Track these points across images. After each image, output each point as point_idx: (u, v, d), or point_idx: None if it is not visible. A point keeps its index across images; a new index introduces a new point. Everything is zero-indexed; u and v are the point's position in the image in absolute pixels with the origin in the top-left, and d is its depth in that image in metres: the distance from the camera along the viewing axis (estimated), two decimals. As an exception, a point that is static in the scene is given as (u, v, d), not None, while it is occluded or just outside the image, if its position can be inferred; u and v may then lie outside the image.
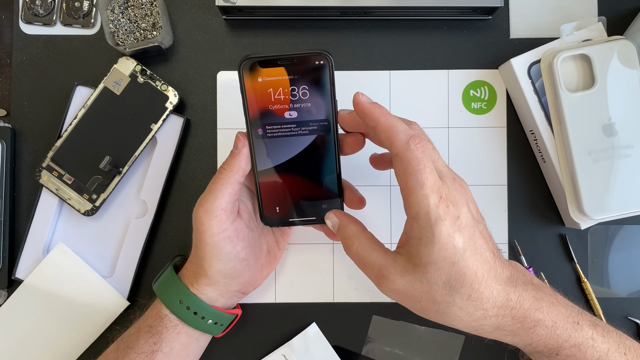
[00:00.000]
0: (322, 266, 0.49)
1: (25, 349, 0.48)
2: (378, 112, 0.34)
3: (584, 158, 0.45)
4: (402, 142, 0.33)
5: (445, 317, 0.35)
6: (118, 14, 0.48)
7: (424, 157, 0.33)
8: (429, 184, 0.32)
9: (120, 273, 0.48)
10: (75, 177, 0.47)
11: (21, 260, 0.48)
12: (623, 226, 0.50)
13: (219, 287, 0.42)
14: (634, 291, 0.50)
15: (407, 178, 0.33)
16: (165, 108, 0.47)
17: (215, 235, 0.39)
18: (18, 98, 0.50)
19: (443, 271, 0.33)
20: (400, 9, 0.47)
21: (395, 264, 0.35)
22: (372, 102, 0.35)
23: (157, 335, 0.41)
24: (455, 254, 0.32)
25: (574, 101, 0.44)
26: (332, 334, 0.49)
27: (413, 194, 0.32)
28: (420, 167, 0.32)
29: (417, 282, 0.34)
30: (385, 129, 0.34)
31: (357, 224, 0.38)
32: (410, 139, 0.33)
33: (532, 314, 0.34)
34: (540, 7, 0.50)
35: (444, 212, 0.32)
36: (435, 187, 0.32)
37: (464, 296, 0.33)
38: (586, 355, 0.35)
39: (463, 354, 0.49)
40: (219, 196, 0.38)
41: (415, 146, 0.33)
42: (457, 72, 0.50)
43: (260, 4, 0.46)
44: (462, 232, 0.33)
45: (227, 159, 0.39)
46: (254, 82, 0.36)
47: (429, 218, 0.32)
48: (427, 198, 0.32)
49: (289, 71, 0.36)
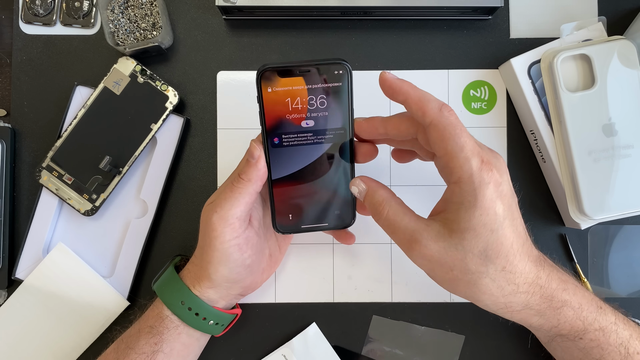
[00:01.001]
0: (322, 266, 0.49)
1: (25, 349, 0.48)
2: (407, 86, 0.34)
3: (584, 158, 0.45)
4: (435, 110, 0.33)
5: (475, 289, 0.33)
6: (118, 13, 0.48)
7: (458, 122, 0.33)
8: (469, 147, 0.32)
9: (120, 273, 0.48)
10: (75, 177, 0.47)
11: (21, 260, 0.48)
12: (623, 226, 0.50)
13: (221, 290, 0.42)
14: (634, 291, 0.50)
15: (446, 144, 0.32)
16: (165, 108, 0.47)
17: (226, 242, 0.39)
18: (18, 98, 0.50)
19: (481, 238, 0.32)
20: (400, 9, 0.47)
21: (429, 229, 0.33)
22: (399, 78, 0.35)
23: (158, 335, 0.41)
24: (496, 221, 0.32)
25: (574, 101, 0.44)
26: (332, 334, 0.49)
27: (454, 158, 0.32)
28: (457, 131, 0.32)
29: (451, 249, 0.33)
30: (416, 101, 0.34)
31: (386, 189, 0.37)
32: (442, 107, 0.33)
33: (560, 294, 0.34)
34: (540, 7, 0.50)
35: (488, 176, 0.32)
36: (475, 151, 0.32)
37: (498, 267, 0.32)
38: (609, 340, 0.35)
39: (463, 354, 0.49)
40: (236, 204, 0.38)
41: (449, 112, 0.33)
42: (457, 72, 0.50)
43: (260, 4, 0.46)
44: (503, 200, 0.32)
45: (245, 168, 0.38)
46: (272, 92, 0.36)
47: (472, 181, 0.32)
48: (469, 161, 0.32)
49: (307, 81, 0.36)
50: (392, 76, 0.35)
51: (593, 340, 0.36)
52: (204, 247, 0.40)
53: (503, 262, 0.32)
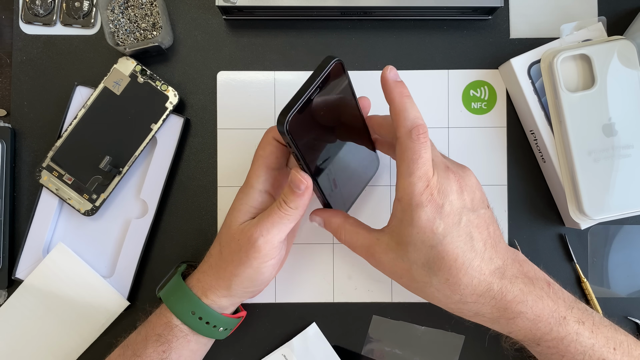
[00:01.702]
0: (322, 266, 0.49)
1: (25, 349, 0.48)
2: (397, 92, 0.36)
3: (584, 158, 0.45)
4: (405, 129, 0.34)
5: (424, 295, 0.37)
6: (118, 14, 0.48)
7: (421, 148, 0.34)
8: (419, 173, 0.34)
9: (120, 273, 0.48)
10: (75, 177, 0.47)
11: (21, 260, 0.48)
12: (623, 226, 0.50)
13: (235, 299, 0.42)
14: (634, 291, 0.50)
15: (401, 163, 0.35)
16: (165, 108, 0.47)
17: (264, 263, 0.39)
18: (18, 98, 0.50)
19: (421, 252, 0.35)
20: (400, 9, 0.47)
21: (379, 242, 0.37)
22: (396, 81, 0.36)
23: (167, 344, 0.41)
24: (434, 238, 0.34)
25: (574, 101, 0.44)
26: (332, 334, 0.49)
27: (402, 178, 0.35)
28: (415, 157, 0.34)
29: (399, 260, 0.36)
30: (396, 112, 0.35)
31: (338, 215, 0.41)
32: (413, 129, 0.34)
33: (514, 306, 0.35)
34: (540, 7, 0.50)
35: (427, 200, 0.34)
36: (424, 177, 0.34)
37: (441, 279, 0.35)
38: (569, 349, 0.36)
39: (463, 354, 0.49)
40: (283, 230, 0.38)
41: (417, 136, 0.34)
42: (457, 72, 0.50)
43: (260, 4, 0.46)
44: (444, 219, 0.34)
45: (291, 197, 0.37)
46: (299, 130, 0.34)
47: (411, 203, 0.34)
48: (413, 185, 0.34)
49: (318, 100, 0.35)
50: (392, 76, 0.36)
51: (550, 348, 0.36)
52: (233, 261, 0.40)
53: (446, 275, 0.35)
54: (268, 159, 0.40)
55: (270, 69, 0.50)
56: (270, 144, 0.40)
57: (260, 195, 0.40)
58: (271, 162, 0.40)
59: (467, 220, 0.35)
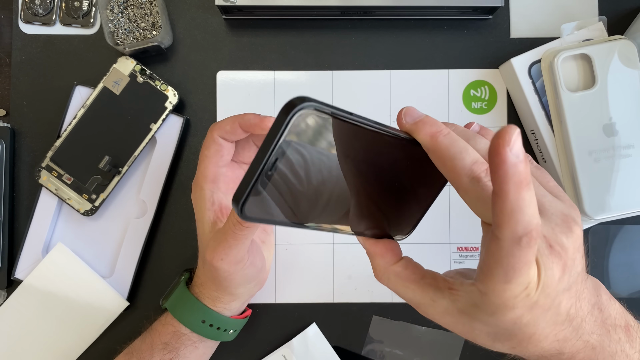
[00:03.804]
0: (322, 266, 0.49)
1: (25, 349, 0.48)
2: (515, 182, 0.23)
3: (585, 158, 0.45)
4: (514, 235, 0.24)
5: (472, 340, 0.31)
6: (117, 13, 0.48)
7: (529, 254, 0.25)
8: (520, 281, 0.26)
9: (120, 273, 0.48)
10: (75, 177, 0.47)
11: (20, 260, 0.48)
12: (623, 226, 0.50)
13: (243, 297, 0.42)
14: (634, 291, 0.50)
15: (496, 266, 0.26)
16: (164, 108, 0.47)
17: (239, 272, 0.38)
18: (17, 98, 0.49)
19: (491, 329, 0.28)
20: (400, 9, 0.47)
21: (434, 305, 0.29)
22: (517, 162, 0.23)
23: (174, 351, 0.41)
24: (513, 327, 0.27)
25: (575, 101, 0.44)
26: (332, 334, 0.49)
27: (493, 281, 0.26)
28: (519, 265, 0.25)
29: (458, 324, 0.29)
30: (506, 209, 0.24)
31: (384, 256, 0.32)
32: (525, 236, 0.24)
33: None
34: (541, 7, 0.50)
35: (521, 303, 0.26)
36: (524, 283, 0.26)
37: (505, 346, 0.29)
38: None
39: (463, 354, 0.49)
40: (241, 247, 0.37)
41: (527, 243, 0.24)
42: (458, 71, 0.50)
43: (260, 4, 0.46)
44: (533, 312, 0.27)
45: None
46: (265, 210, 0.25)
47: (498, 303, 0.26)
48: (509, 291, 0.26)
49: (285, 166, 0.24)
50: (514, 152, 0.23)
51: None
52: (215, 281, 0.40)
53: (513, 344, 0.29)
54: (214, 158, 0.39)
55: (270, 69, 0.50)
56: (215, 142, 0.39)
57: (213, 194, 0.39)
58: (217, 161, 0.39)
59: (559, 302, 0.28)
